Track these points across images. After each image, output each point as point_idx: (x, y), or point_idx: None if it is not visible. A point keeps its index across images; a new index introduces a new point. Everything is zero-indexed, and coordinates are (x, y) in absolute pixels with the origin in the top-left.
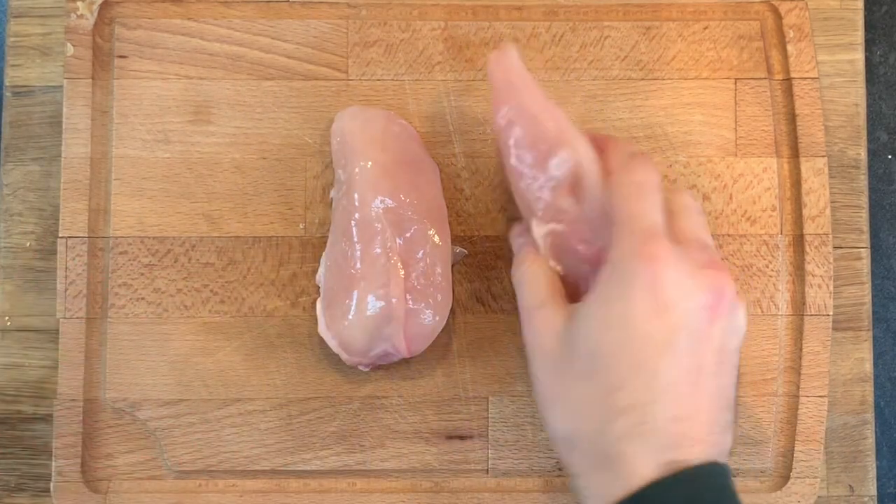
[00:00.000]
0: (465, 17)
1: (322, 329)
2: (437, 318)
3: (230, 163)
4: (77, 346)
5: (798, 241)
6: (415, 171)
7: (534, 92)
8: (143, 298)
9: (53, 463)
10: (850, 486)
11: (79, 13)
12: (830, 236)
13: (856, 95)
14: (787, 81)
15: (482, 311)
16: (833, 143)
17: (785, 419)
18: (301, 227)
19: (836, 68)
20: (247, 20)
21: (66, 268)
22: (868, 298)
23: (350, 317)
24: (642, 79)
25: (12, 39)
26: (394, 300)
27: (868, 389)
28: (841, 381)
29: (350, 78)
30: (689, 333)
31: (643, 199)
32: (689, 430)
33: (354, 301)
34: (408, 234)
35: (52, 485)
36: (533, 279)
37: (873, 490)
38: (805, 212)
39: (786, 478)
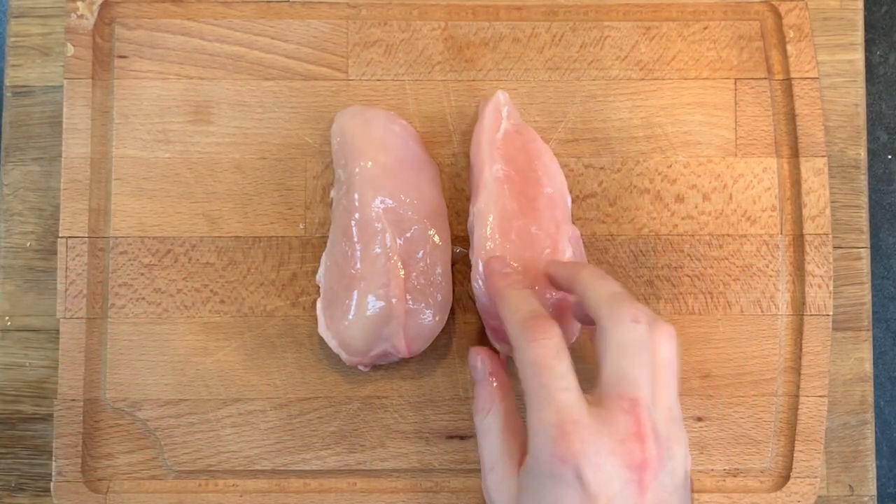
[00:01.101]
0: (465, 17)
1: (322, 329)
2: (437, 318)
3: (230, 163)
4: (77, 346)
5: (798, 241)
6: (415, 171)
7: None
8: (143, 298)
9: (53, 463)
10: (850, 486)
11: (79, 13)
12: (830, 236)
13: (856, 95)
14: (787, 81)
15: None
16: (833, 143)
17: (785, 419)
18: (301, 227)
19: (836, 68)
20: (247, 20)
21: (67, 268)
22: (868, 298)
23: (350, 317)
24: (642, 79)
25: (12, 39)
26: (394, 300)
27: (868, 389)
28: (841, 381)
29: (350, 78)
30: None
31: (542, 383)
32: None
33: (354, 301)
34: (408, 234)
35: (52, 485)
36: (488, 435)
37: (873, 490)
38: (805, 212)
39: (786, 478)
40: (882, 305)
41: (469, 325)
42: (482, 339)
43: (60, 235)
